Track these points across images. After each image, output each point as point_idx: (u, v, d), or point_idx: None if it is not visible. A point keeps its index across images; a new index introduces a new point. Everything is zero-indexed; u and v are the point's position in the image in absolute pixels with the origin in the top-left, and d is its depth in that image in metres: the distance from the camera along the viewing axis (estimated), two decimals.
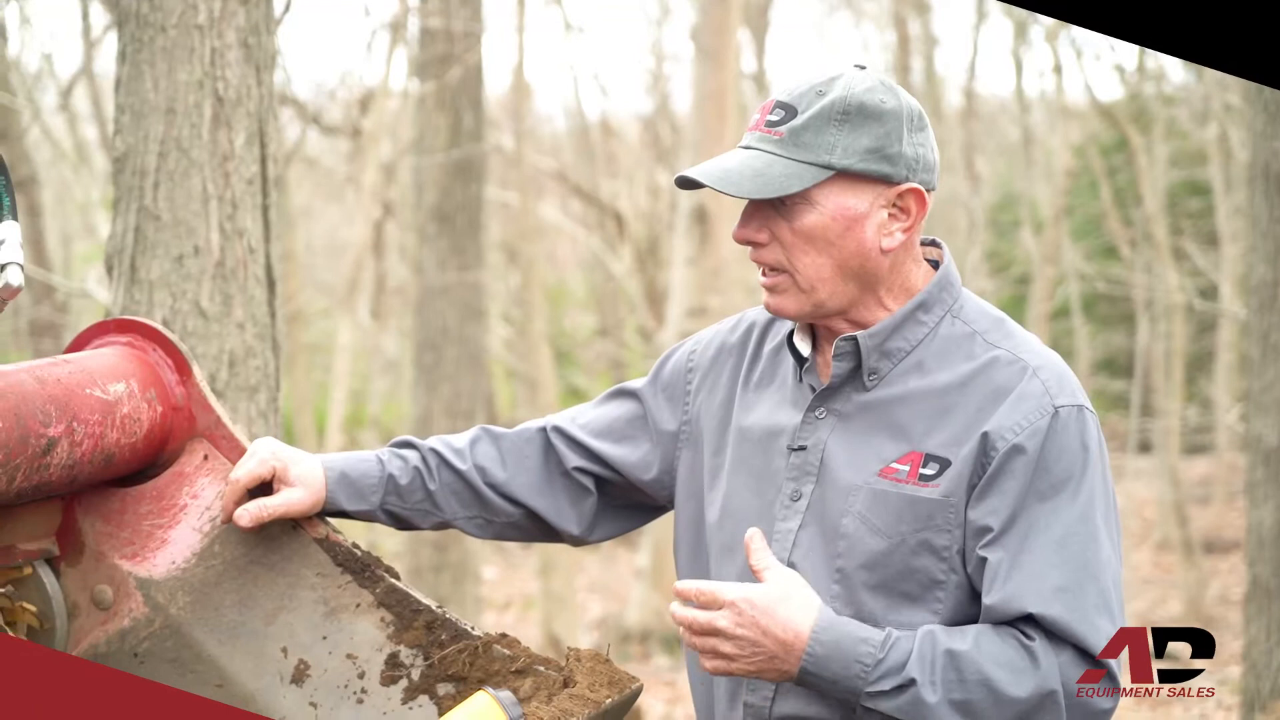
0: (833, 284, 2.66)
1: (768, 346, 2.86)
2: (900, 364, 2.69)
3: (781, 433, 2.75)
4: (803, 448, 2.71)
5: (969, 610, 2.61)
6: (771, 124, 2.66)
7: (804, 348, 2.76)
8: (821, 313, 2.69)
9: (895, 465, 2.64)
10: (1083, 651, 2.55)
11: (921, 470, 2.62)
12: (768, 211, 2.66)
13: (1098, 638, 2.55)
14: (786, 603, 2.54)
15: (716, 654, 2.55)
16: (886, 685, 2.52)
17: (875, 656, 2.52)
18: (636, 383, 3.01)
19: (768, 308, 2.72)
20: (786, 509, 2.70)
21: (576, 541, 3.06)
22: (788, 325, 2.82)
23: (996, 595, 2.56)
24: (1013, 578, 2.55)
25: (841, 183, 2.63)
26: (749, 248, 2.71)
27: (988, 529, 2.57)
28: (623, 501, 3.02)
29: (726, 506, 2.78)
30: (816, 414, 2.72)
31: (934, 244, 2.79)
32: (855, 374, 2.70)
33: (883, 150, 2.64)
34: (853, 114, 2.63)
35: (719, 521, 2.79)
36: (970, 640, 2.54)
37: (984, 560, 2.57)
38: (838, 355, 2.69)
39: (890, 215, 2.66)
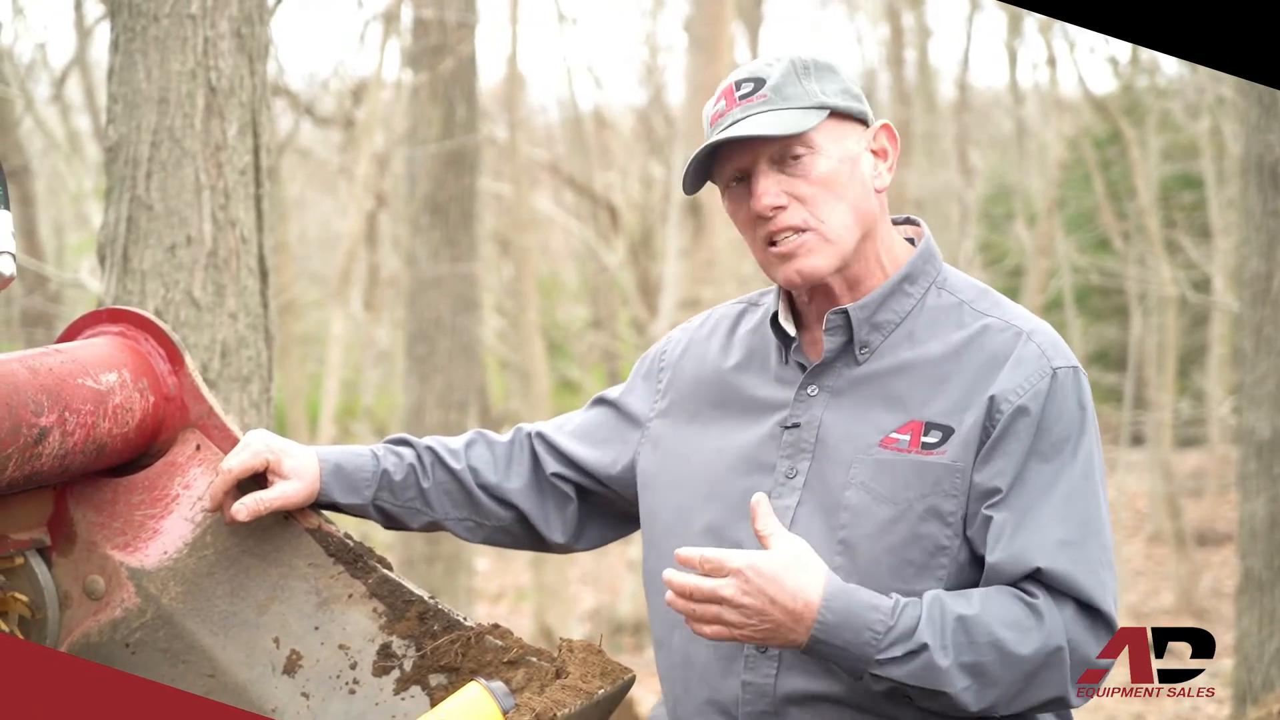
0: (851, 232, 2.70)
1: (740, 332, 2.87)
2: (890, 336, 2.71)
3: (766, 413, 2.76)
4: (796, 425, 2.71)
5: (970, 575, 2.63)
6: (746, 95, 2.70)
7: (790, 328, 2.77)
8: (843, 265, 2.70)
9: (895, 435, 2.65)
10: (1084, 605, 2.57)
11: (924, 439, 2.64)
12: (777, 175, 2.68)
13: (1102, 591, 2.58)
14: (794, 571, 2.52)
15: (719, 621, 2.53)
16: (898, 651, 2.52)
17: (886, 624, 2.52)
18: (612, 391, 3.03)
19: (798, 273, 2.69)
20: (782, 486, 2.70)
21: (563, 549, 3.07)
22: (759, 312, 2.85)
23: (1002, 552, 2.58)
24: (1018, 535, 2.57)
25: (833, 126, 2.70)
26: (760, 223, 2.69)
27: (995, 490, 2.59)
28: (605, 509, 3.03)
29: (710, 489, 2.77)
30: (808, 391, 2.72)
31: (910, 222, 2.83)
32: (847, 348, 2.71)
33: (851, 91, 2.73)
34: (812, 67, 2.71)
35: (700, 502, 2.78)
36: (977, 603, 2.55)
37: (988, 520, 2.59)
38: (829, 329, 2.71)
39: (874, 155, 2.74)
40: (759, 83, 2.70)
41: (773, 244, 2.70)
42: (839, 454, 2.67)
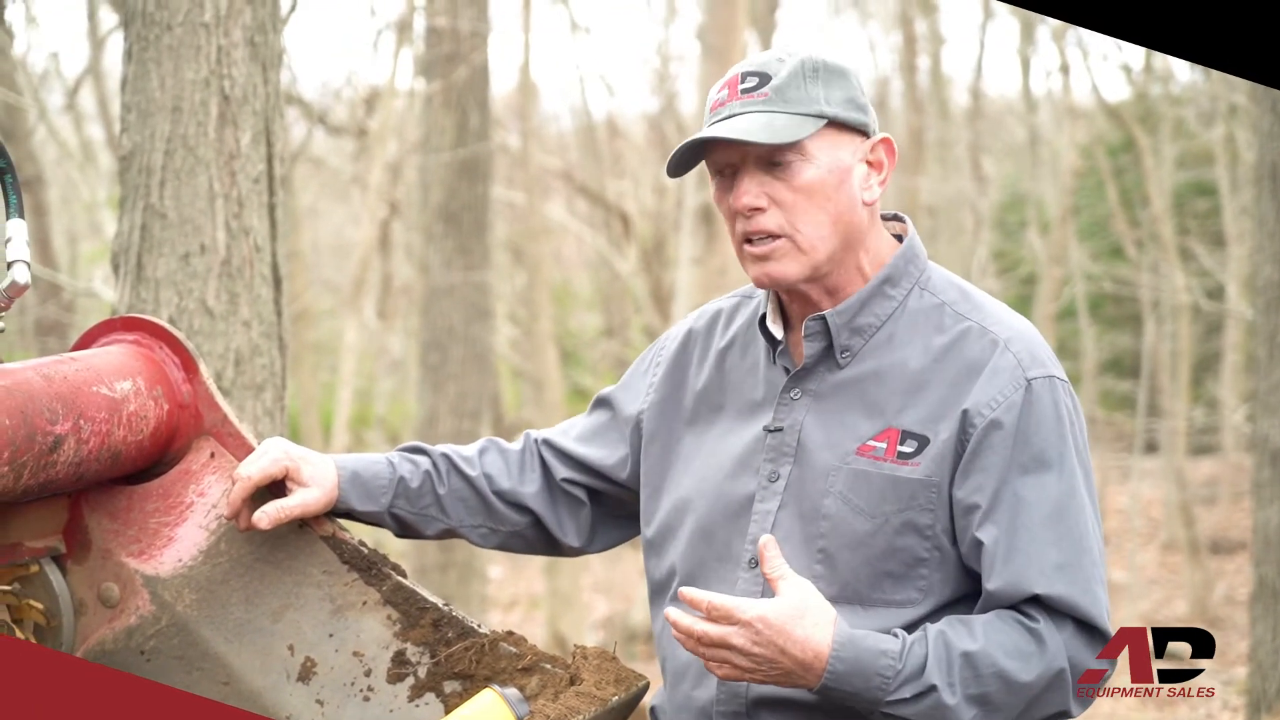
0: (829, 243, 2.68)
1: (735, 327, 2.87)
2: (871, 340, 2.71)
3: (756, 415, 2.76)
4: (779, 429, 2.72)
5: (955, 584, 2.64)
6: (749, 90, 2.68)
7: (777, 331, 2.77)
8: (817, 275, 2.69)
9: (872, 443, 2.66)
10: (1082, 623, 2.59)
11: (899, 448, 2.64)
12: (762, 176, 2.67)
13: (1099, 609, 2.60)
14: (803, 621, 2.53)
15: (729, 664, 2.55)
16: (907, 693, 2.53)
17: (894, 668, 2.53)
18: (608, 388, 3.04)
19: (767, 275, 2.69)
20: (765, 490, 2.71)
21: (576, 552, 3.08)
22: (753, 305, 2.85)
23: (999, 580, 2.58)
24: (1013, 560, 2.58)
25: (830, 135, 2.67)
26: (739, 219, 2.69)
27: (975, 506, 2.60)
28: (618, 510, 3.03)
29: (701, 488, 2.79)
30: (791, 395, 2.73)
31: (898, 219, 2.82)
32: (828, 353, 2.72)
33: (856, 101, 2.70)
34: (821, 71, 2.68)
35: (691, 502, 2.79)
36: (980, 635, 2.56)
37: (979, 542, 2.60)
38: (808, 335, 2.71)
39: (868, 167, 2.70)
40: (763, 79, 2.68)
41: (748, 242, 2.70)
42: (819, 460, 2.68)
